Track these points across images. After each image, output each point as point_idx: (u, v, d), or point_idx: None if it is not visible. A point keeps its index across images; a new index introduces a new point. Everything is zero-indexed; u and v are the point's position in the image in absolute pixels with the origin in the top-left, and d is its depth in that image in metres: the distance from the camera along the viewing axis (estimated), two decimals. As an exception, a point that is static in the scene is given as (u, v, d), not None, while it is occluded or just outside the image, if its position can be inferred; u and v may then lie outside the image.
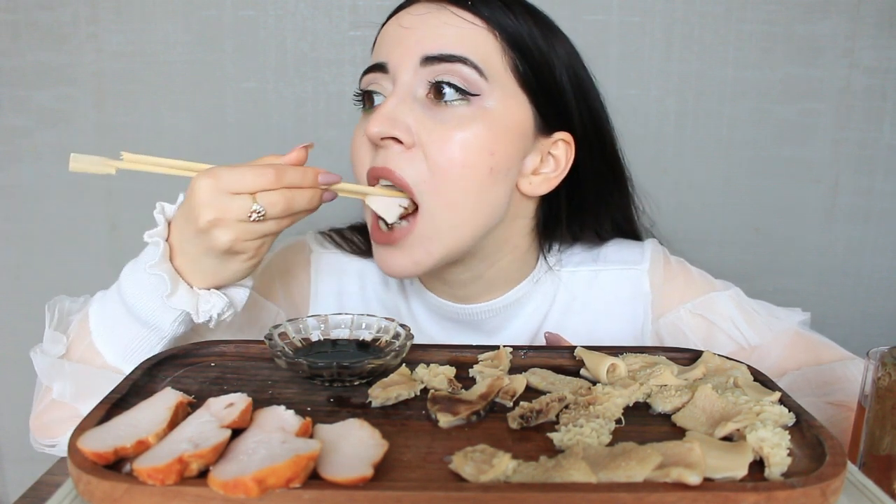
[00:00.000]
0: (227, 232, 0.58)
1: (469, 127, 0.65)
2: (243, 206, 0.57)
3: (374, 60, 0.70)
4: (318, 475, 0.39)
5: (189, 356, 0.60)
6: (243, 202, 0.57)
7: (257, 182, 0.57)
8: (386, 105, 0.66)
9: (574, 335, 0.78)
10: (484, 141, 0.66)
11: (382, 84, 0.69)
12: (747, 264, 1.33)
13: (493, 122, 0.66)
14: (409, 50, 0.66)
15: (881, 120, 1.27)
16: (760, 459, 0.43)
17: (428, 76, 0.66)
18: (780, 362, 0.76)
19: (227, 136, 1.29)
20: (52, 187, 1.32)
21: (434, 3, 0.68)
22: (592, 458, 0.42)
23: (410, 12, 0.69)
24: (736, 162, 1.30)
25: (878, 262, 1.34)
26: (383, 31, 0.72)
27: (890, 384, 0.53)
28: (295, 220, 0.61)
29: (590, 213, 0.79)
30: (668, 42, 1.25)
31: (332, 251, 0.84)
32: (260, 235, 0.60)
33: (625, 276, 0.80)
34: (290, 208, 0.58)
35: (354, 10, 1.24)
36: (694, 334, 0.77)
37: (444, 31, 0.66)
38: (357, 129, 0.72)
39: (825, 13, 1.23)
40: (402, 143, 0.65)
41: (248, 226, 0.58)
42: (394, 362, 0.57)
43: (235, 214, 0.57)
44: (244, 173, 0.57)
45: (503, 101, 0.67)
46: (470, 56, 0.65)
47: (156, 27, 1.24)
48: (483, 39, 0.67)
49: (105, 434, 0.42)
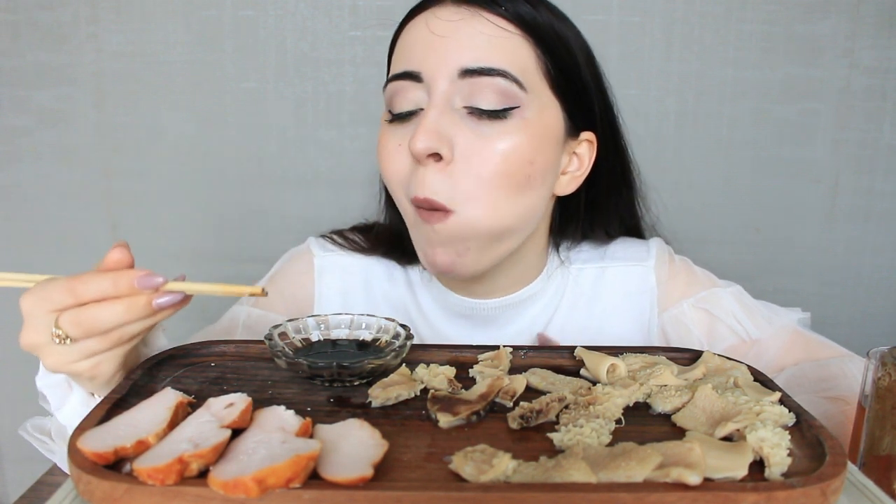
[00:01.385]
0: (46, 356, 0.52)
1: (509, 139, 0.64)
2: (43, 330, 0.50)
3: (404, 68, 0.67)
4: (318, 475, 0.39)
5: (189, 356, 0.60)
6: (43, 325, 0.50)
7: (54, 299, 0.49)
8: (428, 118, 0.64)
9: (583, 331, 0.79)
10: (524, 152, 0.65)
11: (414, 93, 0.66)
12: (747, 264, 1.33)
13: (532, 131, 0.66)
14: (445, 60, 0.64)
15: (881, 120, 1.27)
16: (760, 459, 0.43)
17: (466, 88, 0.64)
18: (780, 358, 0.77)
19: (227, 136, 1.29)
20: (52, 187, 1.32)
21: (465, 6, 0.66)
22: (592, 458, 0.42)
23: (440, 17, 0.66)
24: (736, 162, 1.30)
25: (878, 262, 1.34)
26: (410, 37, 0.68)
27: (890, 384, 0.53)
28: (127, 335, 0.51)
29: (602, 211, 0.80)
30: (668, 42, 1.25)
31: (334, 252, 0.84)
32: (84, 356, 0.51)
33: (631, 273, 0.81)
34: (96, 326, 0.49)
35: (354, 10, 1.24)
36: (696, 327, 0.79)
37: (480, 40, 0.64)
38: (387, 137, 0.69)
39: (825, 13, 1.23)
40: (442, 158, 0.64)
41: (64, 349, 0.50)
42: (394, 362, 0.57)
43: (42, 338, 0.50)
44: (44, 290, 0.49)
45: (539, 110, 0.67)
46: (509, 68, 0.64)
47: (156, 27, 1.24)
48: (519, 48, 0.66)
49: (105, 434, 0.42)
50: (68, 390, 0.59)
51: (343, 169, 1.30)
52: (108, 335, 0.50)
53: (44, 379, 0.59)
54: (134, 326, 0.51)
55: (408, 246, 0.78)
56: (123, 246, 0.51)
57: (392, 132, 0.68)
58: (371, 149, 0.79)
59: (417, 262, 0.80)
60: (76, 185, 1.31)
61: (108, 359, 0.53)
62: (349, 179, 1.30)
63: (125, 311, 0.49)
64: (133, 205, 1.32)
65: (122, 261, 0.51)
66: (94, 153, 1.30)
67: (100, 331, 0.50)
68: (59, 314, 0.49)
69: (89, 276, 0.49)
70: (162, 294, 0.50)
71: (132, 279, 0.49)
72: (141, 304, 0.49)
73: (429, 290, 0.81)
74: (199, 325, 1.29)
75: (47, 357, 0.52)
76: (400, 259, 0.82)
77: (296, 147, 1.29)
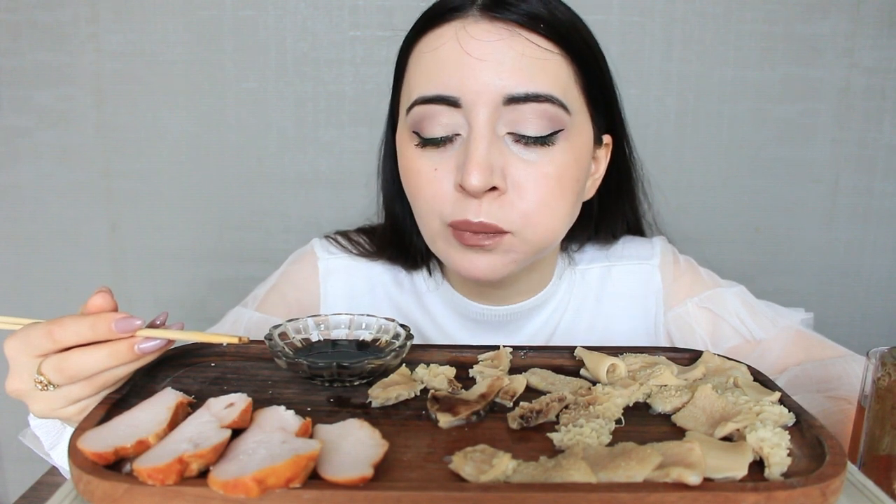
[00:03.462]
0: (32, 402, 0.51)
1: (557, 163, 0.64)
2: (31, 376, 0.49)
3: (438, 92, 0.63)
4: (318, 475, 0.39)
5: (189, 356, 0.60)
6: (27, 371, 0.49)
7: (35, 345, 0.48)
8: (479, 152, 0.61)
9: (591, 330, 0.80)
10: (572, 173, 0.65)
11: (449, 118, 0.63)
12: (747, 264, 1.33)
13: (576, 151, 0.66)
14: (487, 87, 0.61)
15: (881, 120, 1.27)
16: (760, 459, 0.43)
17: (510, 115, 0.62)
18: (783, 358, 0.77)
19: (227, 136, 1.29)
20: (52, 187, 1.32)
21: (501, 23, 0.62)
22: (592, 458, 0.42)
23: (475, 36, 0.62)
24: (736, 162, 1.30)
25: (878, 262, 1.34)
26: (441, 55, 0.63)
27: (890, 384, 0.53)
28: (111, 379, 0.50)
29: (610, 211, 0.80)
30: (668, 42, 1.25)
31: (338, 255, 0.83)
32: (70, 402, 0.50)
33: (636, 271, 0.81)
34: (79, 372, 0.48)
35: (354, 10, 1.24)
36: (700, 327, 0.79)
37: (522, 64, 0.61)
38: (419, 162, 0.66)
39: (825, 13, 1.23)
40: (497, 188, 0.63)
41: (49, 395, 0.49)
42: (394, 362, 0.57)
43: (26, 385, 0.49)
44: (26, 336, 0.49)
45: (579, 127, 0.66)
46: (554, 92, 0.62)
47: (156, 27, 1.24)
48: (559, 68, 0.63)
49: (105, 434, 0.42)
50: (62, 430, 0.59)
51: (343, 169, 1.30)
52: (92, 380, 0.49)
53: (35, 420, 0.58)
54: (118, 371, 0.49)
55: (413, 251, 0.78)
56: (106, 292, 0.50)
57: (425, 157, 0.65)
58: (371, 149, 0.79)
59: (423, 267, 0.80)
60: (76, 185, 1.31)
61: (94, 402, 0.51)
62: (349, 179, 1.30)
63: (108, 357, 0.48)
64: (133, 205, 1.32)
65: (104, 306, 0.50)
66: (94, 153, 1.30)
67: (83, 377, 0.48)
68: (42, 360, 0.48)
69: (68, 320, 0.48)
70: (145, 339, 0.49)
71: (110, 322, 0.48)
72: (123, 350, 0.48)
73: (439, 296, 0.81)
74: (199, 326, 1.29)
75: (34, 403, 0.51)
76: (405, 264, 0.81)
77: (296, 147, 1.29)
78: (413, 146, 0.66)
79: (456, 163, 0.63)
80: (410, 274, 0.82)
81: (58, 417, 0.52)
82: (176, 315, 1.29)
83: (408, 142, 0.67)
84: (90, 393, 0.50)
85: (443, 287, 0.80)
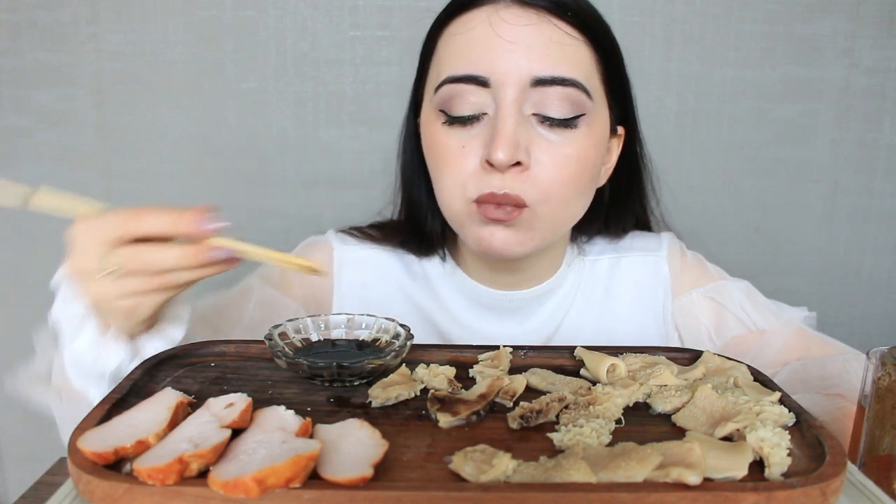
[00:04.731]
0: (90, 284, 0.52)
1: (578, 146, 0.67)
2: (94, 259, 0.50)
3: (468, 71, 0.66)
4: (318, 475, 0.39)
5: (189, 356, 0.60)
6: (95, 254, 0.50)
7: (107, 231, 0.49)
8: (507, 128, 0.64)
9: (600, 320, 0.82)
10: (590, 157, 0.68)
11: (478, 97, 0.66)
12: (747, 264, 1.32)
13: (595, 136, 0.69)
14: (517, 68, 0.65)
15: (881, 120, 1.27)
16: (760, 459, 0.43)
17: (536, 96, 0.65)
18: (784, 352, 0.78)
19: (227, 136, 1.29)
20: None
21: (531, 9, 0.66)
22: (592, 458, 0.42)
23: (506, 20, 0.65)
24: (736, 162, 1.30)
25: (878, 262, 1.34)
26: (472, 37, 0.67)
27: (890, 384, 0.53)
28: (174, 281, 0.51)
29: (621, 202, 0.82)
30: (668, 42, 1.25)
31: (353, 246, 0.85)
32: (129, 293, 0.51)
33: (645, 262, 0.84)
34: (148, 266, 0.50)
35: (354, 10, 1.24)
36: (705, 316, 0.81)
37: (551, 49, 0.65)
38: (446, 138, 0.68)
39: (825, 13, 1.23)
40: (520, 164, 0.65)
41: (110, 282, 0.50)
42: (394, 362, 0.57)
43: (92, 265, 0.50)
44: (101, 221, 0.50)
45: (599, 114, 0.69)
46: (579, 78, 0.66)
47: (156, 27, 1.24)
48: (585, 55, 0.67)
49: (105, 434, 0.42)
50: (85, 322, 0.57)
51: (343, 169, 1.30)
52: (157, 277, 0.51)
53: (64, 309, 0.57)
54: (183, 274, 0.51)
55: (428, 234, 0.80)
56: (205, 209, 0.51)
57: (452, 134, 0.68)
58: (371, 149, 0.79)
59: (434, 253, 0.82)
60: (76, 185, 1.31)
61: (149, 301, 0.53)
62: (349, 179, 1.30)
63: (180, 256, 0.50)
64: (133, 204, 1.32)
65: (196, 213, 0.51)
66: (94, 153, 1.30)
67: (151, 271, 0.50)
68: (114, 247, 0.50)
69: (152, 209, 0.50)
70: (218, 248, 0.51)
71: (197, 217, 0.50)
72: (195, 252, 0.50)
73: (451, 281, 0.82)
74: (199, 325, 1.28)
75: (92, 286, 0.52)
76: (417, 251, 0.83)
77: (296, 147, 1.29)
78: (440, 124, 0.69)
79: (482, 140, 0.66)
80: (422, 261, 0.84)
81: (108, 307, 0.53)
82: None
83: (434, 121, 0.69)
84: (149, 289, 0.51)
85: (455, 273, 0.82)
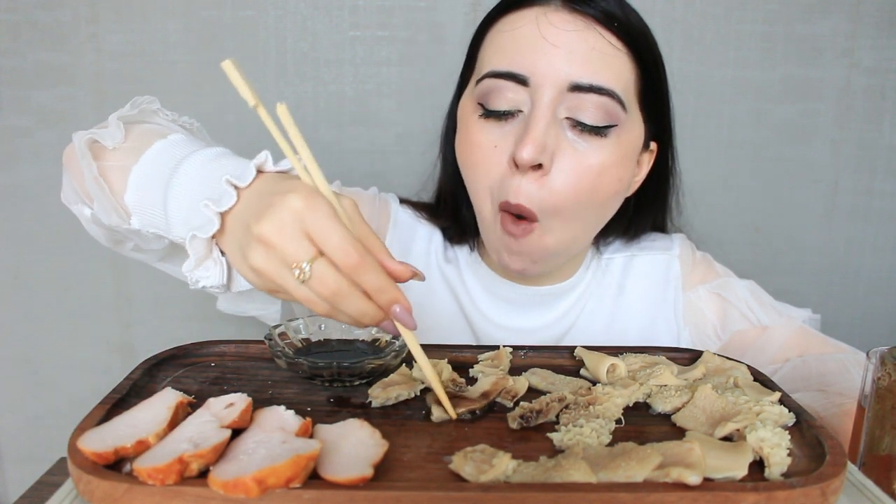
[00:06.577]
0: (262, 260, 0.48)
1: (604, 156, 0.67)
2: (296, 254, 0.46)
3: (510, 68, 0.67)
4: (318, 475, 0.39)
5: (189, 356, 0.60)
6: (300, 251, 0.46)
7: (335, 251, 0.46)
8: (538, 129, 0.64)
9: (612, 318, 0.83)
10: (615, 170, 0.68)
11: (515, 94, 0.67)
12: (747, 264, 1.32)
13: (624, 149, 0.68)
14: (557, 71, 0.65)
15: (881, 120, 1.27)
16: (760, 459, 0.43)
17: (572, 101, 0.65)
18: (785, 348, 0.79)
19: (228, 136, 1.29)
20: (52, 187, 1.32)
21: (580, 15, 0.66)
22: (592, 458, 0.42)
23: (553, 23, 0.66)
24: (736, 162, 1.29)
25: (878, 262, 1.34)
26: (518, 35, 0.67)
27: (890, 384, 0.53)
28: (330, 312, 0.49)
29: (644, 214, 0.84)
30: (668, 42, 1.25)
31: (408, 211, 0.87)
32: (284, 290, 0.48)
33: (657, 260, 0.86)
34: (335, 301, 0.47)
35: (354, 10, 1.24)
36: (710, 311, 0.83)
37: (592, 56, 0.65)
38: (481, 134, 0.69)
39: (825, 13, 1.23)
40: (541, 167, 0.65)
41: (284, 274, 0.47)
42: (394, 362, 0.57)
43: (283, 254, 0.47)
44: (332, 230, 0.46)
45: (631, 128, 0.69)
46: (615, 88, 0.66)
47: (156, 27, 1.24)
48: (625, 68, 0.67)
49: (105, 434, 0.42)
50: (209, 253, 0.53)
51: (343, 169, 1.30)
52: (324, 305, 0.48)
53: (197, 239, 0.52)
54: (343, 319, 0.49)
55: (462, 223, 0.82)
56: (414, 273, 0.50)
57: (487, 130, 0.68)
58: (371, 149, 0.79)
59: (466, 242, 0.84)
60: (76, 185, 1.31)
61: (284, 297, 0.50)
62: (349, 179, 1.30)
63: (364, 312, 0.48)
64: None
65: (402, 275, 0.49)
66: (94, 153, 1.30)
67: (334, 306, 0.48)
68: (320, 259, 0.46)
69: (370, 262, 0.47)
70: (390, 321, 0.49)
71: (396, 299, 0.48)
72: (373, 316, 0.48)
73: (475, 273, 0.83)
74: (200, 325, 1.29)
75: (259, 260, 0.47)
76: (454, 236, 0.84)
77: (296, 147, 1.29)
78: (476, 117, 0.69)
79: (514, 138, 0.67)
80: (454, 248, 0.85)
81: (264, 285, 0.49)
82: (177, 314, 1.29)
83: (471, 113, 0.70)
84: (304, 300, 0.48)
85: (480, 265, 0.83)
